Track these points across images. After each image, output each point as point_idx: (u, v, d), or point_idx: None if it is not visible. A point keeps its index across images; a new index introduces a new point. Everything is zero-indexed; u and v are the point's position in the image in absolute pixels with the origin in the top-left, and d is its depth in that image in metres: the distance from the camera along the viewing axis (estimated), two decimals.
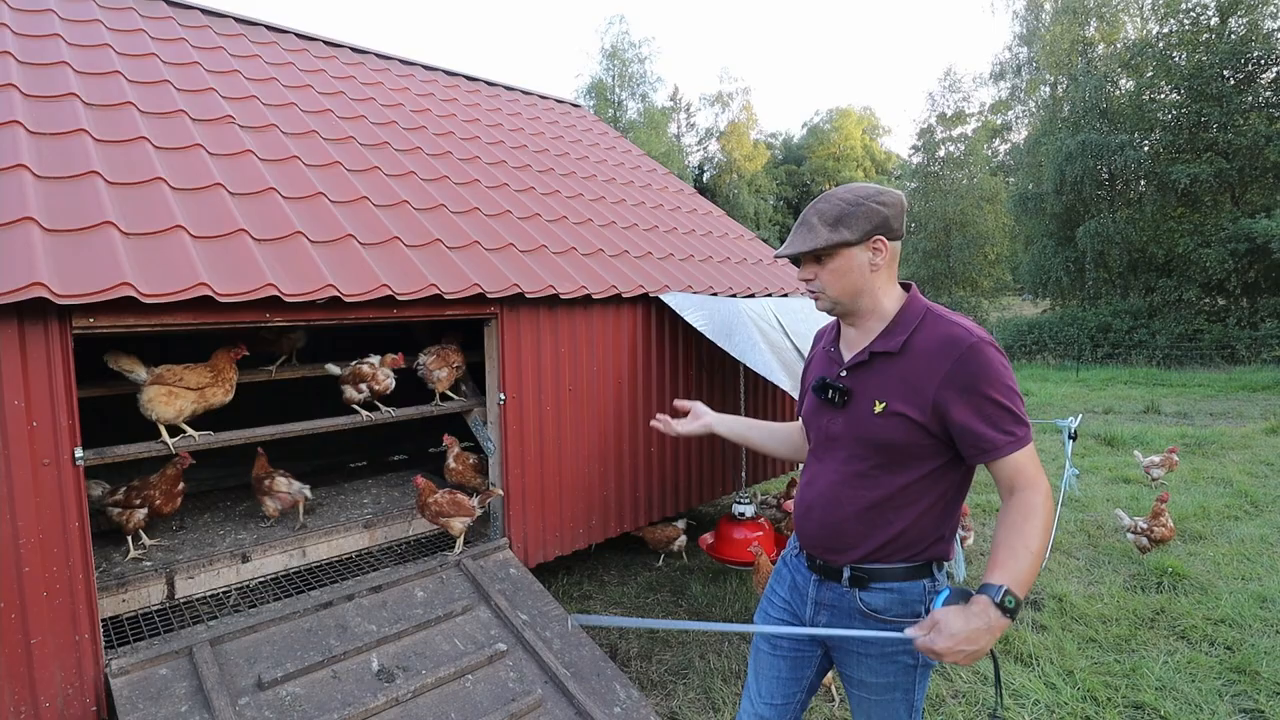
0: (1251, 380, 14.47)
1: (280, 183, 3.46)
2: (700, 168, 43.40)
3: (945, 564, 1.69)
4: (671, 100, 42.58)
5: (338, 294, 2.84)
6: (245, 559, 3.27)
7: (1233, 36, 19.33)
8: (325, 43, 5.85)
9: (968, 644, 1.37)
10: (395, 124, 4.87)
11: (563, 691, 2.71)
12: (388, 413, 3.62)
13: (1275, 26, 19.22)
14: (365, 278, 3.03)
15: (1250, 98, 19.44)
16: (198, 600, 3.08)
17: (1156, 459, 6.63)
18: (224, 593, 3.15)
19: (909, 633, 1.46)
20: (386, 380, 3.66)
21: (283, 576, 3.32)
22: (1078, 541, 5.29)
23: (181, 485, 3.27)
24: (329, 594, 3.02)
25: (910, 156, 34.78)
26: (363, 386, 3.58)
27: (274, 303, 2.71)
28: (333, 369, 3.68)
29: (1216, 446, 8.52)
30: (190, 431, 2.98)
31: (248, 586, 3.22)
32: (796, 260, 1.73)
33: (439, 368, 3.81)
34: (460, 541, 3.54)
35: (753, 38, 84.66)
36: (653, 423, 2.24)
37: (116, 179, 2.94)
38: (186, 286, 2.47)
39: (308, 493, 3.65)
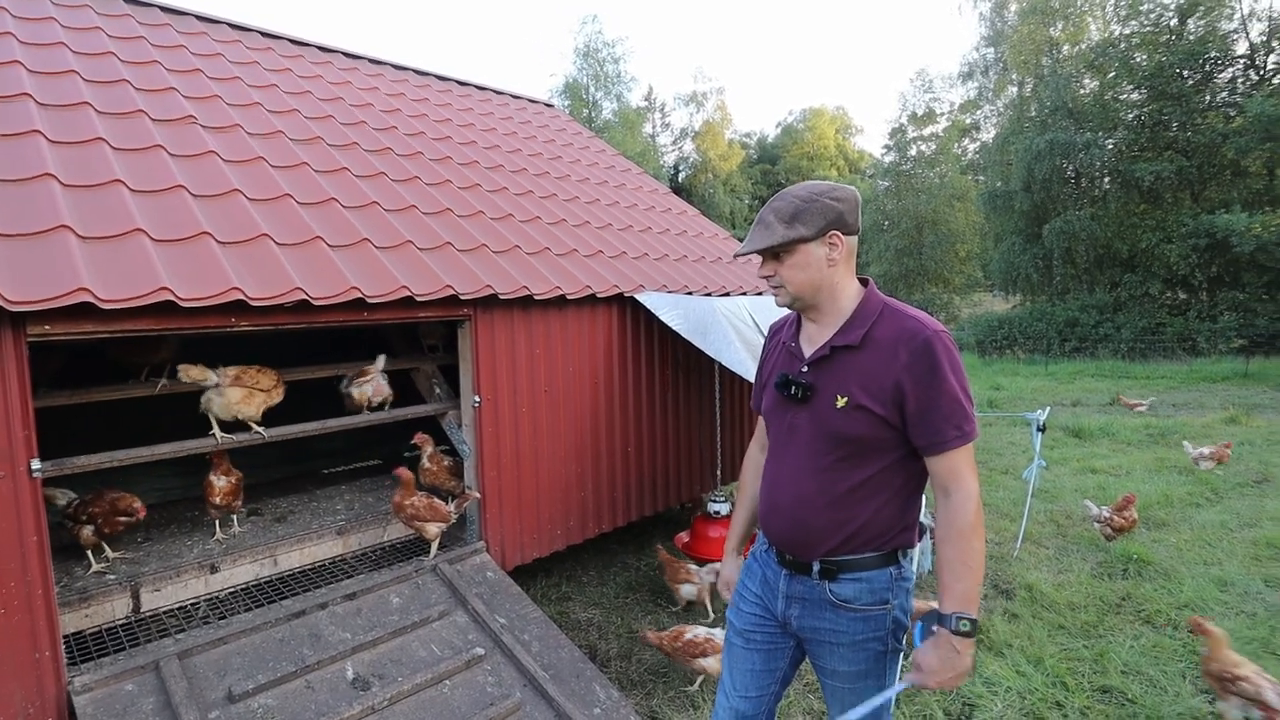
0: (1211, 371, 14.89)
1: (245, 184, 3.39)
2: (675, 167, 43.48)
3: (910, 551, 1.72)
4: (646, 100, 42.62)
5: (306, 297, 2.79)
6: (214, 569, 3.20)
7: (1191, 38, 19.88)
8: (291, 41, 5.75)
9: (948, 671, 1.52)
10: (364, 124, 4.81)
11: (542, 694, 2.70)
12: (369, 415, 3.57)
13: (1231, 28, 19.80)
14: (334, 280, 2.98)
15: (1208, 97, 20.01)
16: (165, 613, 3.01)
17: (1207, 450, 6.78)
18: (192, 605, 3.09)
19: (908, 679, 1.59)
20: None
21: (254, 586, 3.26)
22: (1047, 531, 5.39)
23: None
24: (301, 603, 2.97)
25: (883, 155, 35.23)
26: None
27: (239, 307, 2.66)
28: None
29: (1178, 436, 8.74)
30: (259, 429, 3.20)
31: (217, 598, 3.16)
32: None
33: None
34: (435, 546, 3.51)
35: (726, 38, 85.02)
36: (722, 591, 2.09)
37: (72, 181, 2.86)
38: (147, 291, 2.42)
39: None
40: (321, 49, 5.95)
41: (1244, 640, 3.59)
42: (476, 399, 3.59)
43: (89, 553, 3.11)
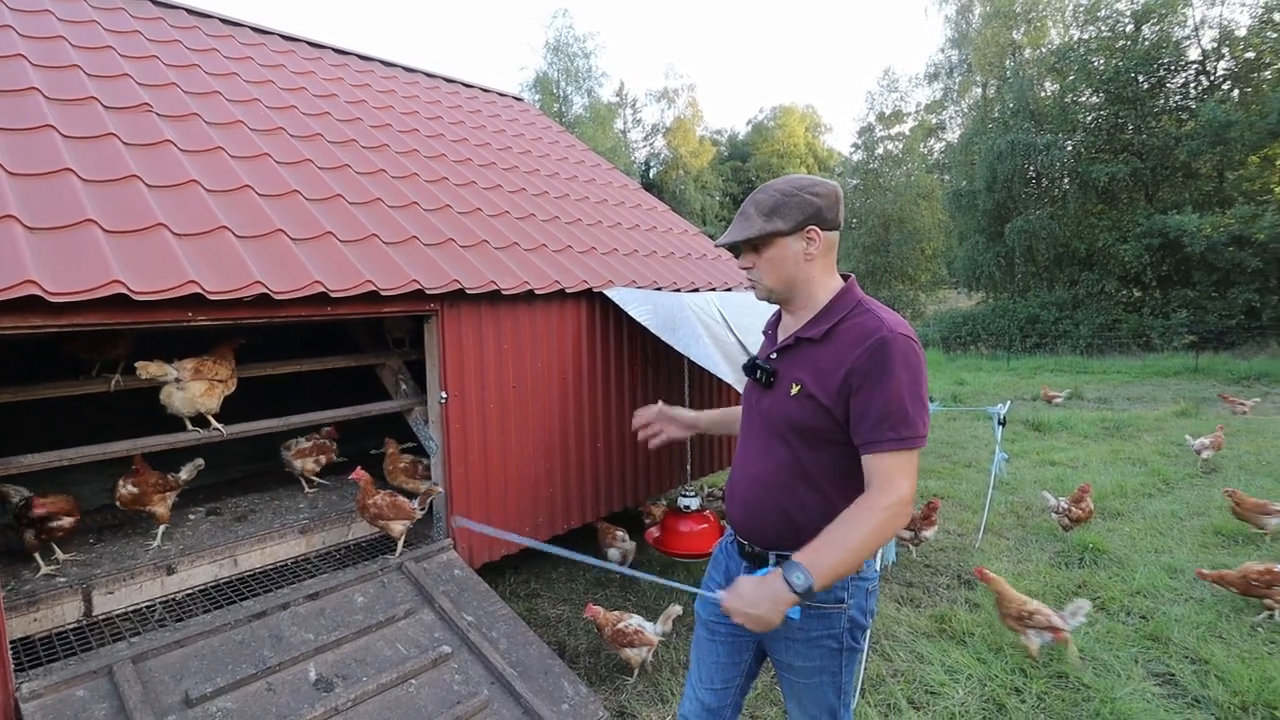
0: (1164, 366, 15.40)
1: (203, 175, 3.30)
2: (647, 164, 43.47)
3: None
4: (617, 96, 42.51)
5: (266, 291, 2.73)
6: (170, 571, 3.11)
7: (1146, 43, 20.49)
8: (252, 29, 5.61)
9: (751, 608, 1.48)
10: (329, 115, 4.71)
11: (510, 691, 2.69)
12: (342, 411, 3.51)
13: (1184, 35, 20.44)
14: (296, 274, 2.92)
15: (1161, 101, 20.68)
16: (118, 616, 2.91)
17: (1206, 440, 6.97)
18: (148, 607, 3.00)
19: (719, 594, 1.59)
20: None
21: (212, 588, 3.18)
22: (1008, 522, 5.52)
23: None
24: (262, 603, 2.91)
25: (851, 154, 35.71)
26: None
27: (197, 300, 2.58)
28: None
29: (1133, 429, 9.04)
30: (218, 425, 3.12)
31: (174, 600, 3.07)
32: (736, 250, 1.76)
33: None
34: (400, 544, 3.47)
35: (698, 35, 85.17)
36: (642, 435, 2.17)
37: (18, 170, 2.75)
38: (99, 284, 2.34)
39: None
40: (285, 38, 5.82)
41: (1192, 625, 3.73)
42: (443, 395, 3.55)
43: (37, 555, 3.01)
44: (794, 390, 1.64)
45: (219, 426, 3.10)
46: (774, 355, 1.75)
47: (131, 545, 3.32)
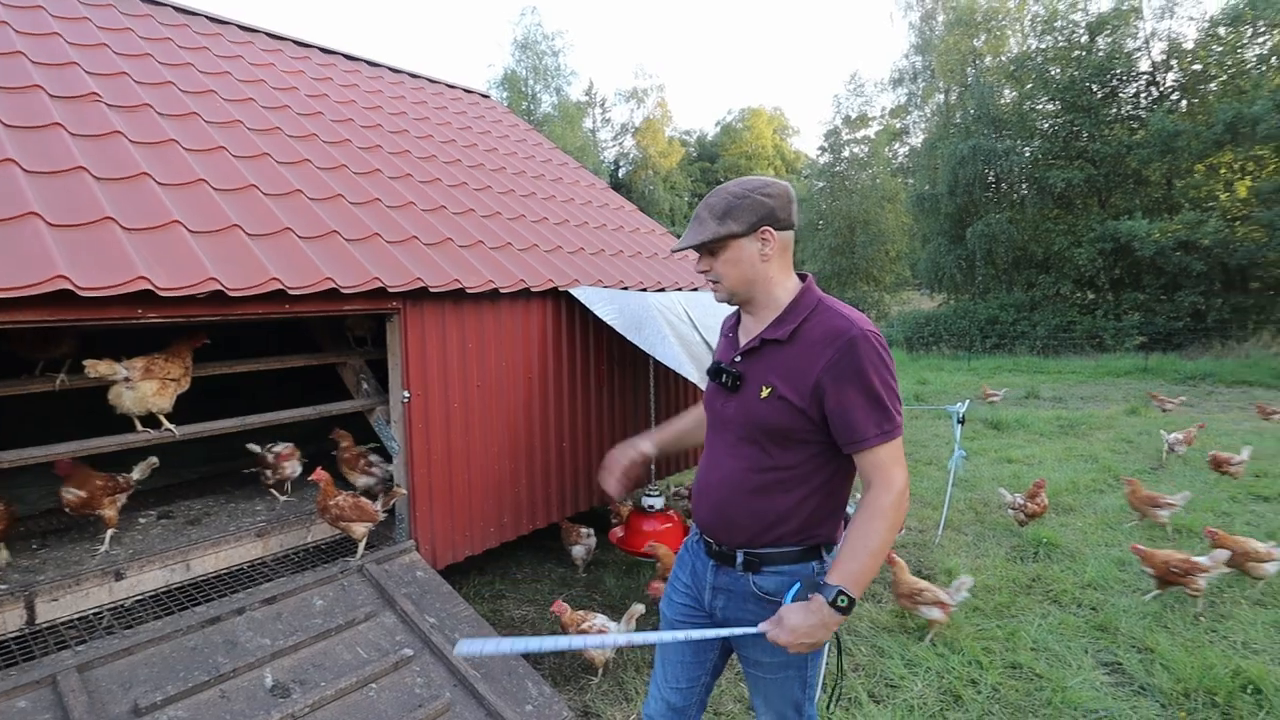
0: (1116, 367, 15.89)
1: (155, 168, 3.21)
2: (616, 163, 43.46)
3: (835, 547, 1.76)
4: (586, 95, 42.42)
5: (221, 288, 2.66)
6: (119, 576, 3.01)
7: (1100, 54, 21.13)
8: (209, 19, 5.46)
9: (806, 637, 1.52)
10: (288, 109, 4.61)
11: (472, 694, 2.66)
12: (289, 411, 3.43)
13: (1135, 46, 21.14)
14: (253, 271, 2.85)
15: (1114, 110, 21.35)
16: (63, 624, 2.81)
17: (1180, 435, 7.15)
18: (95, 614, 2.90)
19: (761, 627, 1.59)
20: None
21: (164, 593, 3.09)
22: (966, 519, 5.65)
23: None
24: (216, 609, 2.84)
25: (818, 156, 36.07)
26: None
27: (147, 297, 2.51)
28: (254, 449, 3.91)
29: (1085, 427, 9.32)
30: (169, 425, 3.02)
31: (123, 606, 2.97)
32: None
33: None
34: (362, 546, 3.41)
35: (667, 35, 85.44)
36: (608, 488, 2.09)
37: None
38: (41, 280, 2.26)
39: None
40: (242, 28, 5.68)
41: (1139, 615, 3.87)
42: (406, 394, 3.51)
43: None
44: (764, 393, 1.65)
45: (170, 427, 3.01)
46: (738, 358, 1.75)
47: (77, 550, 3.21)
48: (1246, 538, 4.17)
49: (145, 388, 2.91)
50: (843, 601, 1.50)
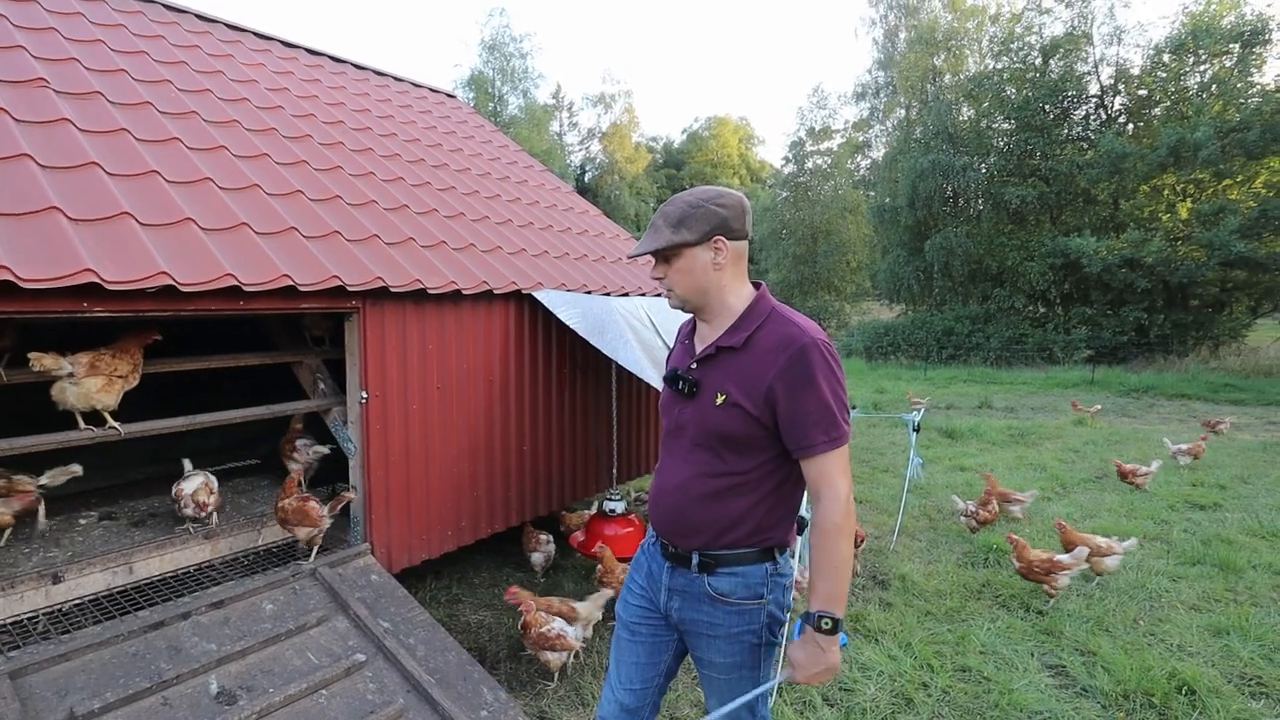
0: (1064, 379, 16.46)
1: (105, 158, 3.10)
2: (582, 167, 43.44)
3: (787, 549, 1.80)
4: (554, 98, 42.36)
5: (173, 283, 2.59)
6: (57, 579, 2.90)
7: (1053, 76, 21.94)
8: (165, 6, 5.31)
9: (815, 666, 1.61)
10: (247, 101, 4.51)
11: (426, 699, 2.62)
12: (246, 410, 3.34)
13: (1086, 70, 22.00)
14: (206, 266, 2.78)
15: (1066, 130, 22.18)
16: None
17: (1185, 446, 7.35)
18: (30, 619, 2.78)
19: (784, 675, 1.69)
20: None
21: (104, 597, 2.98)
22: (920, 525, 5.78)
23: None
24: (160, 613, 2.75)
25: (782, 166, 36.63)
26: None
27: (93, 290, 2.43)
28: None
29: (1035, 436, 9.62)
30: (114, 423, 2.91)
31: (60, 611, 2.86)
32: None
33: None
34: (314, 551, 3.34)
35: (636, 42, 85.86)
36: None
37: None
38: None
39: None
40: (200, 18, 5.53)
41: (1082, 619, 4.00)
42: (363, 395, 3.45)
43: None
44: (719, 400, 1.67)
45: (116, 425, 2.91)
46: (694, 365, 1.77)
47: (12, 552, 3.07)
48: (1091, 534, 4.52)
49: (90, 384, 2.80)
50: (826, 624, 1.58)
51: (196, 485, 3.42)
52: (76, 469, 3.27)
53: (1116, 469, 6.84)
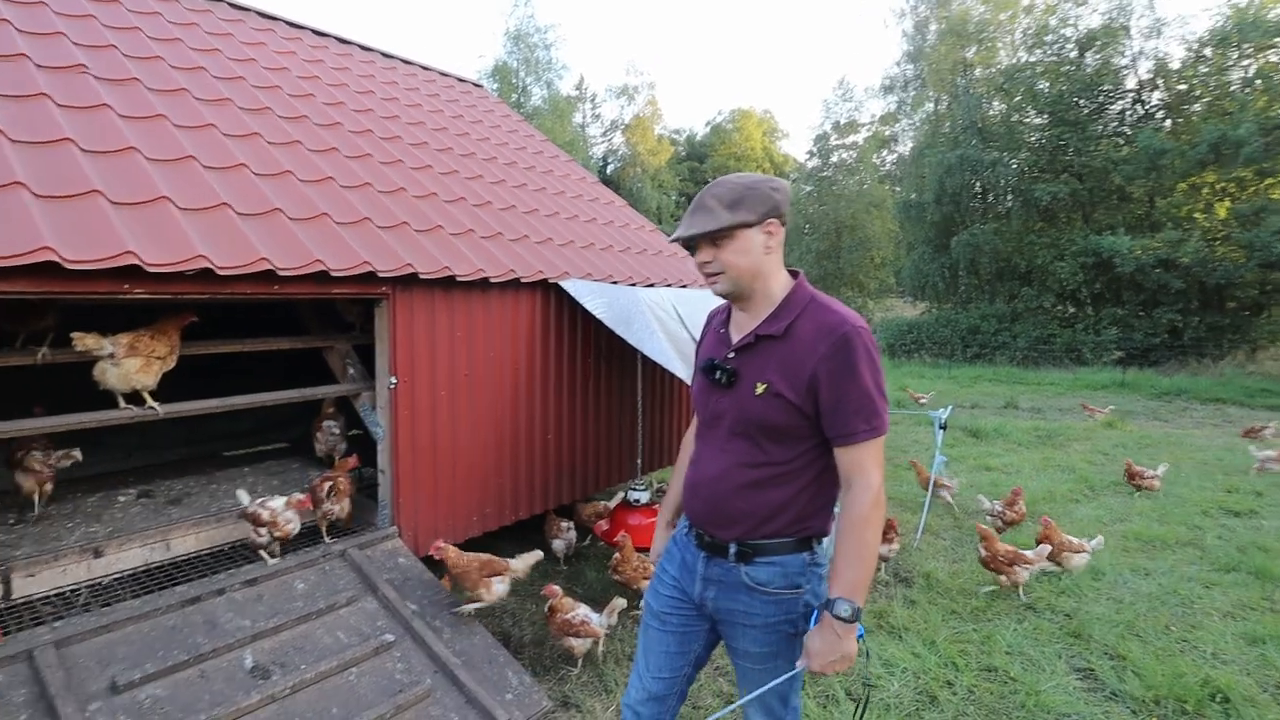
0: (1094, 380, 16.15)
1: (143, 143, 3.16)
2: (605, 160, 43.34)
3: (825, 538, 1.78)
4: (577, 90, 42.24)
5: (210, 266, 2.63)
6: (98, 553, 2.97)
7: (1088, 70, 21.43)
8: None
9: (830, 654, 1.58)
10: (279, 89, 4.56)
11: (453, 680, 2.66)
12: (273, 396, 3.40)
13: (1123, 64, 21.48)
14: (242, 250, 2.82)
15: (1101, 126, 21.66)
16: (40, 600, 2.77)
17: (1273, 454, 7.22)
18: (72, 591, 2.86)
19: (800, 665, 1.66)
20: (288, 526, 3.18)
21: (143, 572, 3.05)
22: (945, 524, 5.72)
23: None
24: (197, 589, 2.81)
25: (806, 160, 36.28)
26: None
27: (134, 272, 2.48)
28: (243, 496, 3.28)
29: (1063, 438, 9.46)
30: (153, 403, 2.96)
31: (100, 584, 2.93)
32: (689, 246, 1.75)
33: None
34: (324, 529, 3.42)
35: (660, 33, 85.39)
36: None
37: None
38: (27, 251, 2.22)
39: None
40: (233, 5, 5.59)
41: (1111, 623, 3.93)
42: (392, 380, 3.49)
43: None
44: (760, 389, 1.66)
45: (155, 405, 2.97)
46: (732, 354, 1.75)
47: (56, 527, 3.16)
48: (1062, 532, 4.56)
49: (129, 364, 2.86)
50: (845, 611, 1.55)
51: (280, 504, 3.17)
52: (77, 454, 3.31)
53: (1126, 469, 6.74)
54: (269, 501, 3.14)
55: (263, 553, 3.11)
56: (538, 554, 3.43)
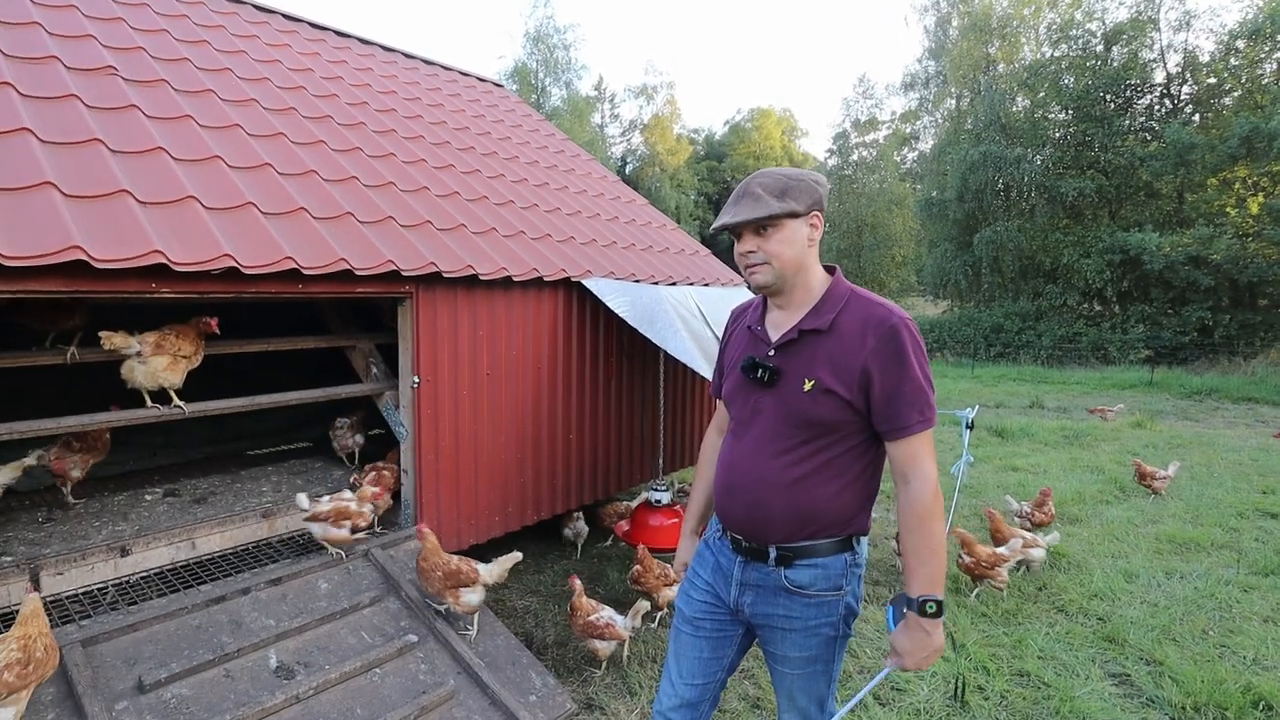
0: (1121, 379, 15.85)
1: (170, 143, 3.18)
2: (623, 159, 43.35)
3: (864, 538, 1.73)
4: (596, 90, 42.28)
5: (235, 264, 2.63)
6: (125, 552, 2.99)
7: (1115, 64, 21.04)
8: None
9: (921, 651, 1.57)
10: (303, 90, 4.58)
11: (476, 682, 2.64)
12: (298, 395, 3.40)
13: (1151, 58, 21.05)
14: (267, 249, 2.82)
15: (1127, 121, 21.26)
16: (68, 598, 2.79)
17: None
18: (99, 590, 2.88)
19: (890, 663, 1.64)
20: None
21: (169, 571, 3.07)
22: (972, 525, 5.61)
23: None
24: (221, 588, 2.82)
25: (826, 159, 36.02)
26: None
27: (161, 271, 2.48)
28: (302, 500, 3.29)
29: (1091, 438, 9.27)
30: (179, 401, 2.99)
31: (127, 582, 2.95)
32: (734, 235, 1.69)
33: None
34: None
35: (678, 32, 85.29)
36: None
37: None
38: (57, 250, 2.23)
39: None
40: (257, 7, 5.64)
41: (1147, 628, 3.83)
42: (415, 379, 3.48)
43: None
44: (808, 386, 1.61)
45: (180, 404, 2.98)
46: (772, 352, 1.70)
47: (84, 525, 3.19)
48: (1014, 527, 4.54)
49: (156, 362, 2.88)
50: (931, 608, 1.54)
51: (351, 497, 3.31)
52: (30, 461, 3.21)
53: (1136, 469, 6.57)
54: (343, 495, 3.31)
55: (332, 547, 3.22)
56: (516, 555, 3.38)
